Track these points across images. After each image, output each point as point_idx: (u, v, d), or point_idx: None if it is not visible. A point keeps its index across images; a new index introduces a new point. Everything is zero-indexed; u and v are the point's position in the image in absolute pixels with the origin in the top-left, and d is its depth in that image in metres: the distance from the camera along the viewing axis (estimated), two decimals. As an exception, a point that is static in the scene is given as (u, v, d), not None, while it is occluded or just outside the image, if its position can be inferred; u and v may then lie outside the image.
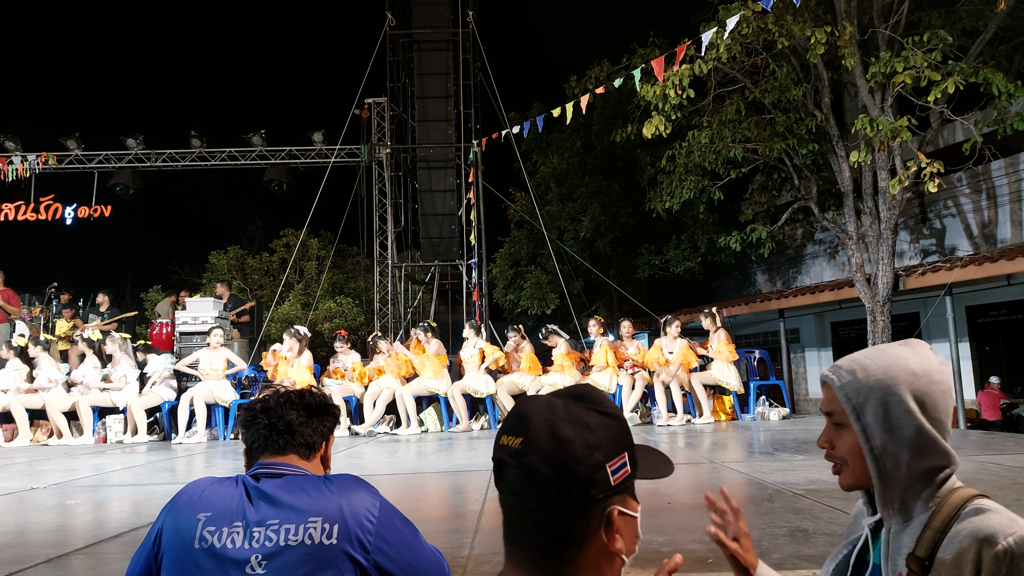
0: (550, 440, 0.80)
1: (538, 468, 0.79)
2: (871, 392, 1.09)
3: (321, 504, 1.42)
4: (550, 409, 0.83)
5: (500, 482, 0.84)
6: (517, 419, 0.84)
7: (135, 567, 1.46)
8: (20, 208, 13.84)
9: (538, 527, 0.80)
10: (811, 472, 4.24)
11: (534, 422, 0.82)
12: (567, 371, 8.37)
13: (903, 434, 1.07)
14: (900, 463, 1.08)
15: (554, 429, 0.81)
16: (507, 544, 0.84)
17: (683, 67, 9.04)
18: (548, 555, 0.81)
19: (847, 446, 1.14)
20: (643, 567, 2.36)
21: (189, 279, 24.56)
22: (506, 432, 0.84)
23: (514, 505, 0.82)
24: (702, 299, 17.41)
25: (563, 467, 0.79)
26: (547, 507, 0.79)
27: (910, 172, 8.96)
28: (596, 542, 0.81)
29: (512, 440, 0.82)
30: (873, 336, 10.08)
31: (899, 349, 1.13)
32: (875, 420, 1.09)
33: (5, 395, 8.43)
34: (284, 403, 1.58)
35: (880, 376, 1.10)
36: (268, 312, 15.03)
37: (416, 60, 13.37)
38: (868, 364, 1.12)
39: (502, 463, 0.82)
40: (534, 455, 0.80)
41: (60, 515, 3.85)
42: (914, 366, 1.10)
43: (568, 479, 0.79)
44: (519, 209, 16.71)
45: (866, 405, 1.10)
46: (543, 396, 0.87)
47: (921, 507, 1.08)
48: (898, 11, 9.46)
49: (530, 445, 0.80)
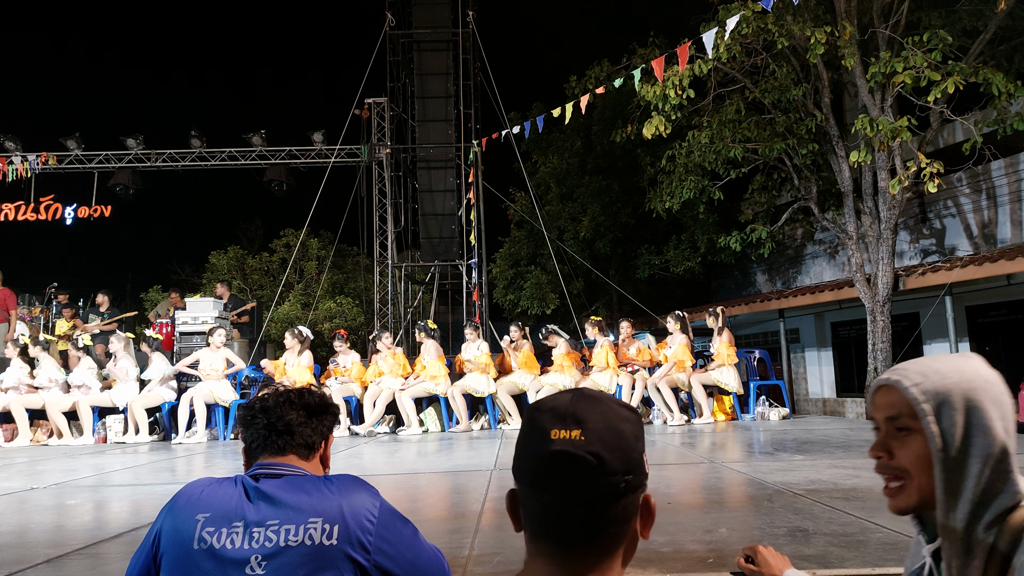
0: (608, 430, 0.85)
1: (604, 455, 0.83)
2: (951, 394, 0.97)
3: (321, 504, 1.42)
4: (597, 403, 0.88)
5: (554, 479, 0.84)
6: (566, 414, 0.86)
7: (134, 568, 1.46)
8: (20, 208, 13.84)
9: (596, 517, 0.83)
10: (811, 472, 4.24)
11: (589, 415, 0.85)
12: (567, 371, 8.37)
13: (983, 444, 0.95)
14: (971, 478, 0.95)
15: (608, 421, 0.86)
16: (543, 541, 0.85)
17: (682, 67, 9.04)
18: (600, 543, 0.84)
19: (913, 455, 0.99)
20: (643, 567, 2.36)
21: (189, 279, 24.56)
22: (557, 427, 0.85)
23: (566, 500, 0.83)
24: (702, 299, 17.42)
25: (623, 454, 0.84)
26: (610, 495, 0.83)
27: (910, 172, 8.96)
28: (633, 526, 0.87)
29: (570, 432, 0.84)
30: (873, 336, 10.08)
31: (965, 359, 1.02)
32: (952, 426, 0.96)
33: (7, 394, 8.43)
34: (283, 403, 1.57)
35: (958, 379, 0.98)
36: (268, 312, 15.03)
37: (416, 60, 13.37)
38: (939, 367, 1.00)
39: (566, 455, 0.83)
40: (598, 444, 0.83)
41: (60, 515, 3.85)
42: (987, 375, 0.99)
43: (627, 465, 0.84)
44: (519, 209, 16.71)
45: (944, 408, 0.97)
46: (578, 392, 0.90)
47: (983, 532, 0.95)
48: (898, 11, 9.46)
49: (592, 435, 0.84)
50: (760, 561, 1.47)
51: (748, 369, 8.94)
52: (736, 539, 2.68)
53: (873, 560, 2.36)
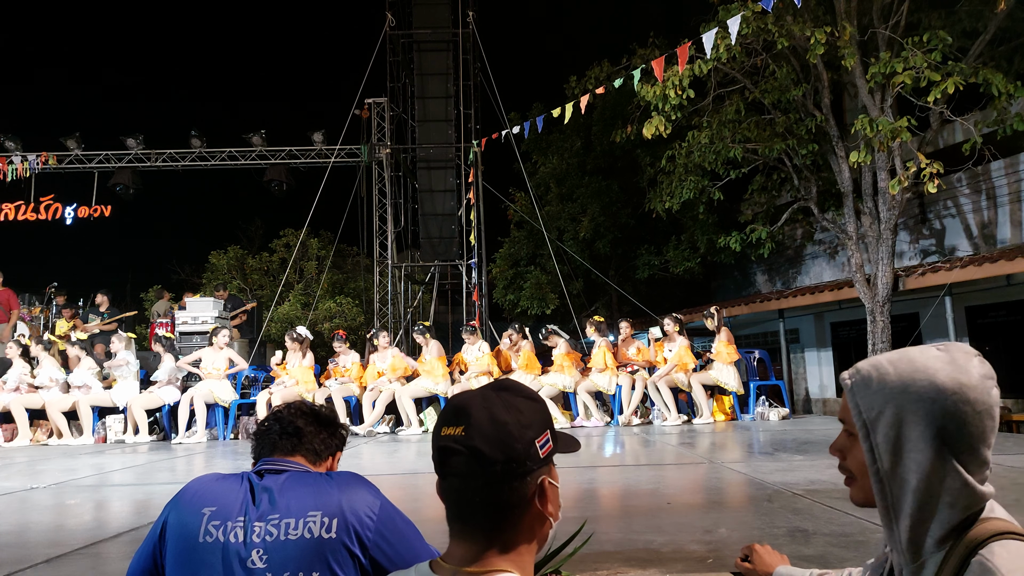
0: (490, 424, 0.93)
1: (483, 449, 0.92)
2: (885, 406, 0.93)
3: (320, 499, 1.43)
4: (485, 399, 0.97)
5: (445, 469, 0.95)
6: (455, 411, 0.96)
7: (139, 561, 1.47)
8: (20, 208, 13.84)
9: (484, 501, 0.93)
10: (811, 472, 4.24)
11: (474, 411, 0.95)
12: (567, 371, 8.37)
13: (914, 461, 0.91)
14: (908, 494, 0.92)
15: (492, 414, 0.94)
16: (454, 522, 0.96)
17: (682, 67, 9.04)
18: (495, 523, 0.94)
19: (857, 461, 1.00)
20: (643, 567, 2.36)
21: (189, 279, 24.55)
22: (446, 424, 0.96)
23: (460, 487, 0.94)
24: (702, 299, 17.41)
25: (503, 445, 0.92)
26: (492, 482, 0.92)
27: (910, 172, 8.96)
28: (532, 509, 0.95)
29: (455, 429, 0.94)
30: (873, 336, 10.08)
31: (931, 356, 0.95)
32: (885, 441, 0.93)
33: (8, 394, 8.44)
34: (295, 412, 1.67)
35: (898, 388, 0.93)
36: (268, 312, 15.03)
37: (416, 60, 13.37)
38: (888, 371, 0.95)
39: (448, 451, 0.94)
40: (478, 438, 0.92)
41: (60, 515, 3.85)
42: (943, 380, 0.91)
43: (508, 455, 0.92)
44: (519, 209, 16.71)
45: (879, 421, 0.94)
46: (475, 390, 1.00)
47: (933, 547, 0.91)
48: (898, 11, 9.46)
49: (473, 430, 0.93)
50: (755, 559, 1.48)
51: (748, 369, 8.94)
52: (736, 539, 2.68)
53: (873, 560, 2.35)
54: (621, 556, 2.52)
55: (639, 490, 3.98)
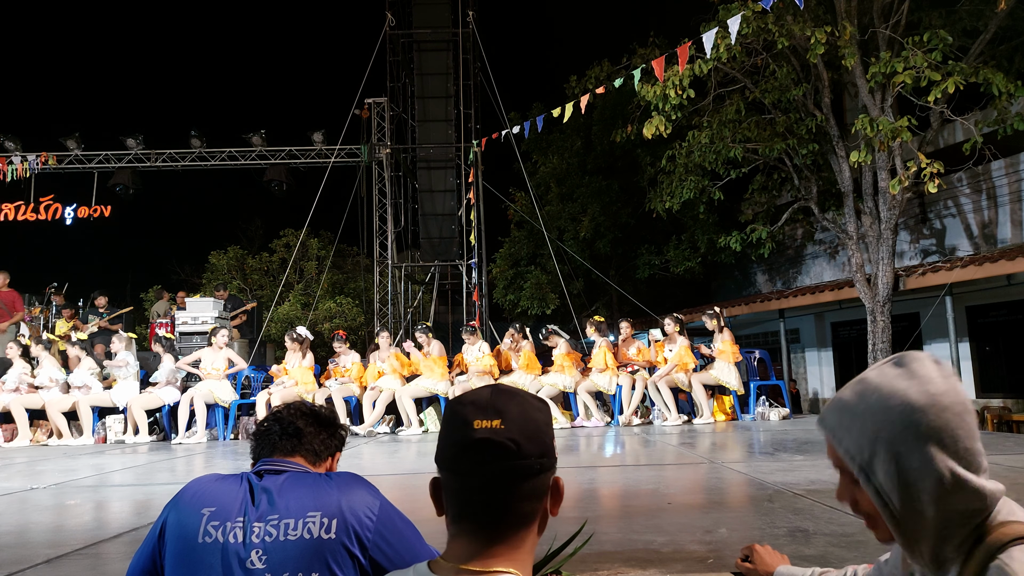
0: (524, 418, 0.96)
1: (520, 441, 0.94)
2: (875, 445, 0.91)
3: (320, 499, 1.43)
4: (513, 395, 0.99)
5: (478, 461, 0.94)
6: (487, 406, 0.97)
7: (138, 561, 1.47)
8: (20, 208, 13.85)
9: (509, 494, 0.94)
10: (811, 472, 4.24)
11: (508, 406, 0.97)
12: (567, 371, 8.37)
13: (925, 487, 0.89)
14: (926, 518, 0.90)
15: (524, 409, 0.97)
16: (461, 521, 0.96)
17: (682, 67, 9.04)
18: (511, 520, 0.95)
19: (869, 503, 0.96)
20: (643, 567, 2.36)
21: (189, 279, 24.55)
22: (479, 418, 0.96)
23: (491, 480, 0.94)
24: (702, 299, 17.41)
25: (537, 439, 0.96)
26: (528, 475, 0.94)
27: (910, 172, 8.96)
28: (544, 505, 0.98)
29: (490, 422, 0.95)
30: (873, 336, 10.08)
31: (891, 377, 0.94)
32: (888, 478, 0.91)
33: (8, 395, 8.44)
34: (295, 413, 1.67)
35: (878, 422, 0.91)
36: (268, 312, 15.03)
37: (416, 60, 13.38)
38: (859, 408, 0.94)
39: (488, 443, 0.94)
40: (516, 431, 0.94)
41: (60, 515, 3.85)
42: (915, 397, 0.90)
43: (541, 448, 0.96)
44: (519, 209, 16.71)
45: (874, 462, 0.92)
46: (495, 387, 1.02)
47: (953, 553, 0.91)
48: (898, 11, 9.46)
49: (511, 424, 0.95)
50: (756, 559, 1.47)
51: (748, 369, 8.94)
52: (736, 539, 2.68)
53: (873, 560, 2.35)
54: (621, 556, 2.51)
55: (639, 490, 3.98)
